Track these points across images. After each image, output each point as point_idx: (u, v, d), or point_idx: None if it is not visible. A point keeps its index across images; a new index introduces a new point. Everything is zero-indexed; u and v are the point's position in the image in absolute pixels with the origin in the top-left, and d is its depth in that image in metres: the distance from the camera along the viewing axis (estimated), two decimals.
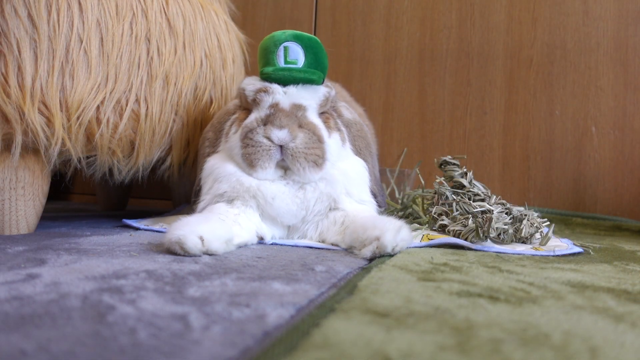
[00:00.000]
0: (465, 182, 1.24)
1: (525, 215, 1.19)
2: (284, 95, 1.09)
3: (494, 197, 1.23)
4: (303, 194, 1.09)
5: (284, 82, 1.11)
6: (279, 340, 0.44)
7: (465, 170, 1.27)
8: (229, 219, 1.02)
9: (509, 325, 0.51)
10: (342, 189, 1.11)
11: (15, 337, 0.43)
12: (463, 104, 1.98)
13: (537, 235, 1.21)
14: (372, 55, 2.08)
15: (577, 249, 1.11)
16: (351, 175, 1.13)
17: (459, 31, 1.99)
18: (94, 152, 1.14)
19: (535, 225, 1.18)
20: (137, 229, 1.24)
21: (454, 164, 1.27)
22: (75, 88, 1.05)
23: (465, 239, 1.08)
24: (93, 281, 0.65)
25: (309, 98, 1.11)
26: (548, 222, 1.24)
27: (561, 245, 1.15)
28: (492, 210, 1.13)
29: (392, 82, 2.05)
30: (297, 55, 1.11)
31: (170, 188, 1.70)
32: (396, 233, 0.94)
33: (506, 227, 1.12)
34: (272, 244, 1.07)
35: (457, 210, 1.18)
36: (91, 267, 0.74)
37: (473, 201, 1.20)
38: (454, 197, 1.21)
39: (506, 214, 1.17)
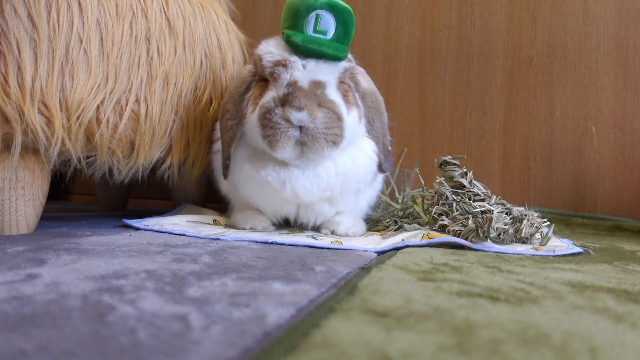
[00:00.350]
0: (465, 182, 1.24)
1: (526, 215, 1.19)
2: (302, 72, 1.06)
3: (494, 197, 1.23)
4: (325, 172, 1.14)
5: (310, 55, 1.08)
6: (279, 340, 0.44)
7: (465, 170, 1.27)
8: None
9: (509, 325, 0.51)
10: (354, 186, 1.19)
11: (15, 337, 0.43)
12: (463, 104, 1.98)
13: (537, 235, 1.21)
14: (372, 55, 2.07)
15: (577, 249, 1.11)
16: (361, 173, 1.18)
17: (459, 31, 1.99)
18: (94, 152, 1.14)
19: (535, 225, 1.18)
20: (137, 229, 1.24)
21: (454, 164, 1.27)
22: (75, 88, 1.05)
23: (466, 239, 1.08)
24: (93, 281, 0.65)
25: (328, 73, 1.08)
26: (548, 222, 1.24)
27: (561, 245, 1.15)
28: (492, 210, 1.13)
29: (392, 82, 2.05)
30: (328, 26, 1.07)
31: (170, 188, 1.70)
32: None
33: (506, 227, 1.12)
34: (272, 242, 1.07)
35: (457, 210, 1.18)
36: (91, 267, 0.74)
37: (473, 201, 1.20)
38: (454, 197, 1.21)
39: (506, 214, 1.17)
